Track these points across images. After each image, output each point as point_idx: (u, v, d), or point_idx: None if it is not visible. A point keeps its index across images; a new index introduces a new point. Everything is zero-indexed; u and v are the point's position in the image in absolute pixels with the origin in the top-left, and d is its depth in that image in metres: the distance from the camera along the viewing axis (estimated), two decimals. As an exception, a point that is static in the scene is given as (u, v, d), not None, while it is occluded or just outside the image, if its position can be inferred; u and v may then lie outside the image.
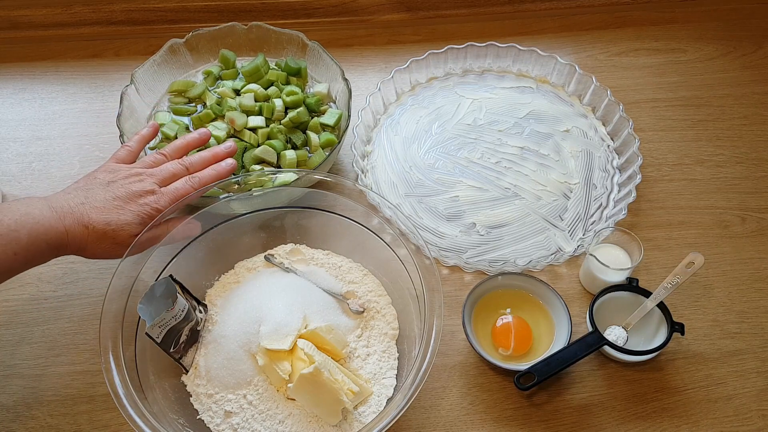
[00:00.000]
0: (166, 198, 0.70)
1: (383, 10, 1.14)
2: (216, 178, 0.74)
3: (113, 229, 0.66)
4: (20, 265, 0.63)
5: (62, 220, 0.64)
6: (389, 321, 0.75)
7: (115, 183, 0.69)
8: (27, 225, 0.62)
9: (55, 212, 0.64)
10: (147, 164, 0.74)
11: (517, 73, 1.06)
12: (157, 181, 0.71)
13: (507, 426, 0.71)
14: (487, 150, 0.95)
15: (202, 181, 0.73)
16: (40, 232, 0.62)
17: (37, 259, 0.64)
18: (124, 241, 0.67)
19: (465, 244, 0.86)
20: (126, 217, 0.67)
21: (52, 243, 0.63)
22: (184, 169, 0.74)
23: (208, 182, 0.74)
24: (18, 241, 0.61)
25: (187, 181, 0.73)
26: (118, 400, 0.60)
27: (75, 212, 0.65)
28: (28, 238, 0.61)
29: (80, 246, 0.66)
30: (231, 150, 0.79)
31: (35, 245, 0.62)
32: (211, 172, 0.75)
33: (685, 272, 0.74)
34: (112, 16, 1.10)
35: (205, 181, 0.74)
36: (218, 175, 0.75)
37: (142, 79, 0.91)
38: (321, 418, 0.67)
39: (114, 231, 0.66)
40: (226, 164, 0.76)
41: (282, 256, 0.80)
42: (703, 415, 0.72)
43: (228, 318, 0.72)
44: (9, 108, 1.02)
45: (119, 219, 0.67)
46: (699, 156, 0.96)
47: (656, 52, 1.10)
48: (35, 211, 0.63)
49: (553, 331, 0.76)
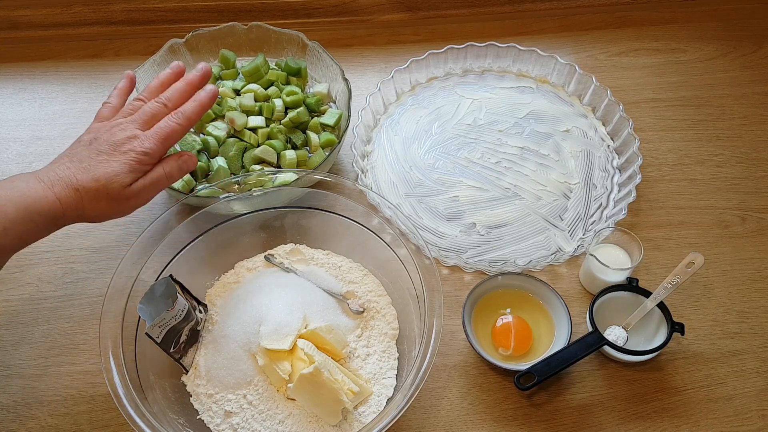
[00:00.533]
0: (151, 139, 0.67)
1: (383, 10, 1.14)
2: (200, 108, 0.71)
3: (103, 184, 0.63)
4: (12, 240, 0.60)
5: (51, 188, 0.62)
6: (389, 321, 0.75)
7: (98, 139, 0.67)
8: (13, 198, 0.59)
9: (42, 182, 0.62)
10: (125, 113, 0.70)
11: (517, 73, 1.06)
12: (138, 125, 0.68)
13: (507, 426, 0.71)
14: (487, 150, 0.95)
15: (186, 115, 0.70)
16: (28, 204, 0.60)
17: (33, 233, 0.62)
18: (118, 194, 0.64)
19: (465, 244, 0.86)
20: (113, 169, 0.64)
21: (45, 213, 0.61)
22: (162, 106, 0.70)
23: (193, 115, 0.70)
24: (5, 215, 0.59)
25: (170, 118, 0.69)
26: (118, 400, 0.60)
27: (63, 178, 0.63)
28: (16, 212, 0.59)
29: (78, 211, 0.63)
30: (206, 72, 0.74)
31: (26, 218, 0.60)
32: (194, 104, 0.71)
33: (685, 272, 0.74)
34: (112, 16, 1.10)
35: (189, 114, 0.70)
36: (201, 105, 0.71)
37: (142, 79, 0.91)
38: (321, 418, 0.67)
39: (105, 186, 0.63)
40: (205, 93, 0.72)
41: (282, 256, 0.80)
42: (703, 415, 0.72)
43: (228, 318, 0.72)
44: (9, 108, 1.02)
45: (107, 172, 0.64)
46: (699, 156, 0.96)
47: (656, 52, 1.10)
48: (21, 185, 0.61)
49: (553, 331, 0.76)
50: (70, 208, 0.63)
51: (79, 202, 0.63)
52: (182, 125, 0.69)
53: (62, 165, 0.65)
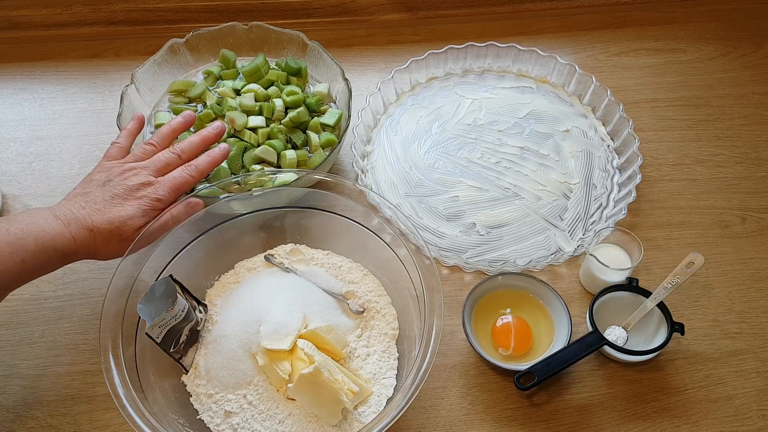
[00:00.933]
0: (165, 187, 0.71)
1: (383, 10, 1.14)
2: (212, 164, 0.75)
3: (117, 226, 0.67)
4: (29, 272, 0.63)
5: (68, 227, 0.65)
6: (389, 321, 0.75)
7: (112, 182, 0.70)
8: (33, 233, 0.63)
9: (59, 220, 0.65)
10: (138, 157, 0.74)
11: (517, 73, 1.06)
12: (152, 172, 0.72)
13: (507, 426, 0.71)
14: (487, 150, 0.95)
15: (199, 169, 0.74)
16: (46, 240, 0.63)
17: (46, 267, 0.65)
18: (130, 236, 0.68)
19: (465, 244, 0.86)
20: (128, 212, 0.68)
21: (60, 250, 0.64)
22: (176, 156, 0.74)
23: (205, 169, 0.75)
24: (25, 249, 0.62)
25: (184, 170, 0.73)
26: (118, 400, 0.60)
27: (78, 218, 0.66)
28: (35, 246, 0.62)
29: (89, 250, 0.67)
30: (219, 131, 0.79)
31: (43, 252, 0.63)
32: (207, 159, 0.75)
33: (685, 272, 0.74)
34: (112, 16, 1.10)
35: (202, 168, 0.74)
36: (213, 161, 0.76)
37: (143, 79, 0.91)
38: (321, 418, 0.67)
39: (119, 228, 0.67)
40: (219, 150, 0.77)
41: (282, 256, 0.80)
42: (703, 415, 0.72)
43: (228, 318, 0.72)
44: (9, 108, 1.02)
45: (121, 215, 0.67)
46: (699, 156, 0.96)
47: (656, 52, 1.10)
48: (41, 220, 0.64)
49: (553, 331, 0.76)
50: (82, 246, 0.66)
51: (92, 242, 0.66)
52: (194, 177, 0.73)
53: (77, 204, 0.68)
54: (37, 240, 0.63)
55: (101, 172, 0.71)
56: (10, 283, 0.63)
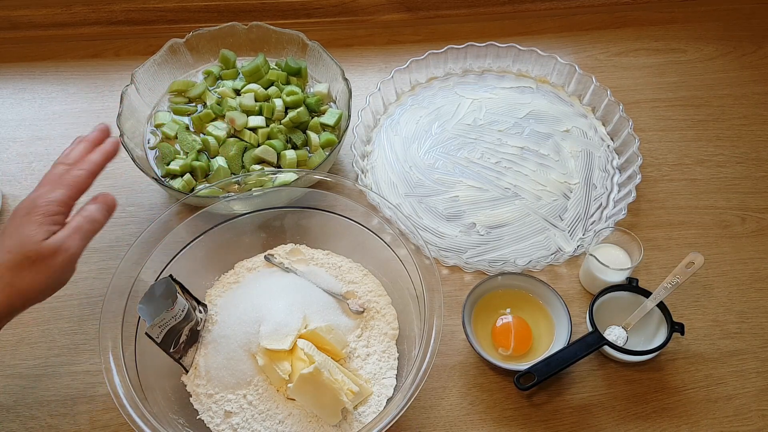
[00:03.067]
0: (55, 189, 0.61)
1: (383, 10, 1.14)
2: (102, 157, 0.65)
3: (17, 248, 0.57)
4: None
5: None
6: (389, 321, 0.75)
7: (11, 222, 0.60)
8: None
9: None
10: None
11: (517, 73, 1.06)
12: (43, 188, 0.62)
13: (507, 426, 0.71)
14: (487, 150, 0.95)
15: (90, 160, 0.64)
16: None
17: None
18: (37, 252, 0.57)
19: (465, 244, 0.86)
20: (22, 230, 0.58)
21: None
22: (65, 166, 0.64)
23: (95, 164, 0.64)
24: None
25: (72, 169, 0.63)
26: (118, 400, 0.60)
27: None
28: None
29: (5, 295, 0.57)
30: (103, 129, 0.68)
31: None
32: (96, 153, 0.65)
33: (685, 272, 0.74)
34: (112, 16, 1.10)
35: (92, 159, 0.64)
36: (104, 153, 0.65)
37: (142, 79, 0.91)
38: (321, 418, 0.67)
39: (19, 249, 0.57)
40: (109, 142, 0.66)
41: (282, 256, 0.80)
42: (703, 415, 0.72)
43: (228, 318, 0.72)
44: (9, 108, 1.02)
45: (17, 237, 0.58)
46: (699, 156, 0.96)
47: (656, 52, 1.10)
48: None
49: (553, 331, 0.76)
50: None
51: (1, 282, 0.57)
52: (86, 170, 0.63)
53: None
54: None
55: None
56: None
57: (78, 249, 0.60)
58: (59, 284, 0.60)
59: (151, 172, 0.85)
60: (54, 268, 0.58)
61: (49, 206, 0.59)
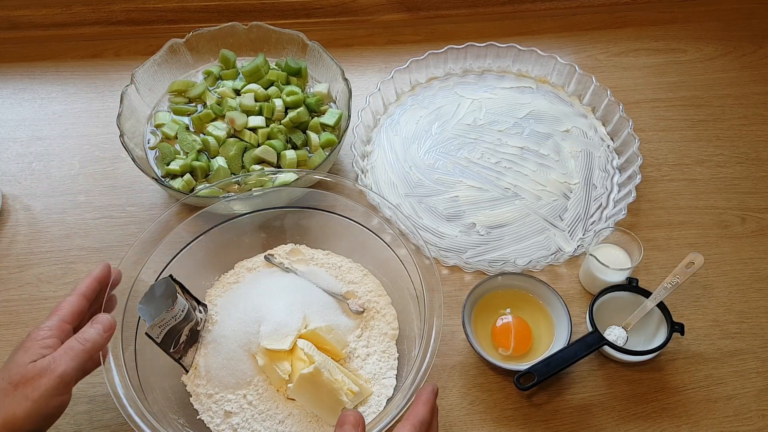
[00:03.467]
0: (53, 316, 0.60)
1: (383, 10, 1.14)
2: (91, 277, 0.63)
3: (4, 375, 0.54)
4: None
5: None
6: (389, 321, 0.75)
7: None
8: None
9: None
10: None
11: (517, 73, 1.06)
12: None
13: (507, 426, 0.71)
14: (487, 150, 0.95)
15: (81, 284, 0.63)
16: None
17: None
18: (23, 374, 0.54)
19: (465, 244, 0.86)
20: (13, 358, 0.56)
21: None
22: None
23: (87, 283, 0.63)
24: None
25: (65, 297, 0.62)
26: (118, 400, 0.60)
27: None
28: None
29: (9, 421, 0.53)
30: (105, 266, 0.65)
31: None
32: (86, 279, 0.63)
33: (685, 272, 0.74)
34: (112, 16, 1.11)
35: (83, 282, 0.63)
36: (92, 274, 0.64)
37: (142, 79, 0.91)
38: (321, 418, 0.67)
39: (6, 375, 0.54)
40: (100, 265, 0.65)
41: (282, 256, 0.80)
42: (703, 415, 0.72)
43: (228, 318, 0.72)
44: (9, 108, 1.02)
45: (8, 364, 0.56)
46: (699, 156, 0.96)
47: (656, 52, 1.10)
48: None
49: (553, 331, 0.76)
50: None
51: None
52: (76, 293, 0.62)
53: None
54: None
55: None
56: None
57: (66, 369, 0.55)
58: (49, 412, 0.55)
59: (151, 172, 0.85)
60: (40, 391, 0.54)
61: (39, 332, 0.58)
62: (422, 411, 0.55)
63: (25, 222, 0.88)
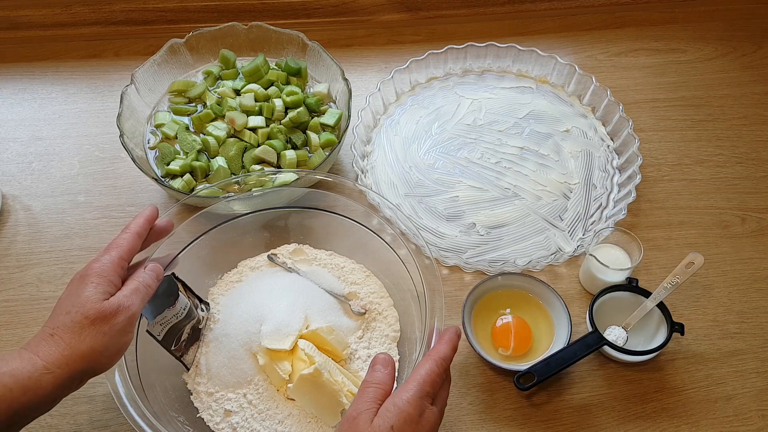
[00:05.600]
0: (110, 253, 0.60)
1: (383, 10, 1.14)
2: (144, 218, 0.64)
3: (76, 310, 0.56)
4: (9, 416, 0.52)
5: (26, 349, 0.54)
6: (390, 323, 0.75)
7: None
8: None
9: (21, 353, 0.54)
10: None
11: (516, 74, 1.06)
12: (97, 256, 0.60)
13: (507, 426, 0.71)
14: (486, 150, 0.95)
15: (135, 223, 0.63)
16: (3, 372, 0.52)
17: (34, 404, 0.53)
18: (97, 312, 0.55)
19: (465, 244, 0.86)
20: (79, 294, 0.57)
21: (19, 376, 0.52)
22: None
23: (140, 223, 0.63)
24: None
25: (120, 234, 0.62)
26: (119, 399, 0.60)
27: (36, 337, 0.56)
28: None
29: (66, 359, 0.54)
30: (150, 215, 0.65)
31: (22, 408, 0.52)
32: (139, 218, 0.64)
33: (684, 272, 0.74)
34: (112, 16, 1.10)
35: (137, 222, 0.63)
36: (145, 215, 0.64)
37: (142, 79, 0.91)
38: (320, 418, 0.67)
39: (79, 310, 0.56)
40: (148, 208, 0.65)
41: (285, 255, 0.80)
42: (703, 415, 0.72)
43: (230, 317, 0.72)
44: (9, 108, 1.02)
45: (76, 299, 0.56)
46: (699, 156, 0.96)
47: (656, 52, 1.10)
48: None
49: (553, 331, 0.76)
50: (52, 357, 0.54)
51: (60, 345, 0.55)
52: (131, 232, 0.62)
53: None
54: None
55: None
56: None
57: (138, 309, 0.58)
58: (119, 348, 0.57)
59: (151, 172, 0.85)
60: (116, 327, 0.56)
61: (103, 267, 0.59)
62: (444, 348, 0.58)
63: (24, 222, 0.88)
